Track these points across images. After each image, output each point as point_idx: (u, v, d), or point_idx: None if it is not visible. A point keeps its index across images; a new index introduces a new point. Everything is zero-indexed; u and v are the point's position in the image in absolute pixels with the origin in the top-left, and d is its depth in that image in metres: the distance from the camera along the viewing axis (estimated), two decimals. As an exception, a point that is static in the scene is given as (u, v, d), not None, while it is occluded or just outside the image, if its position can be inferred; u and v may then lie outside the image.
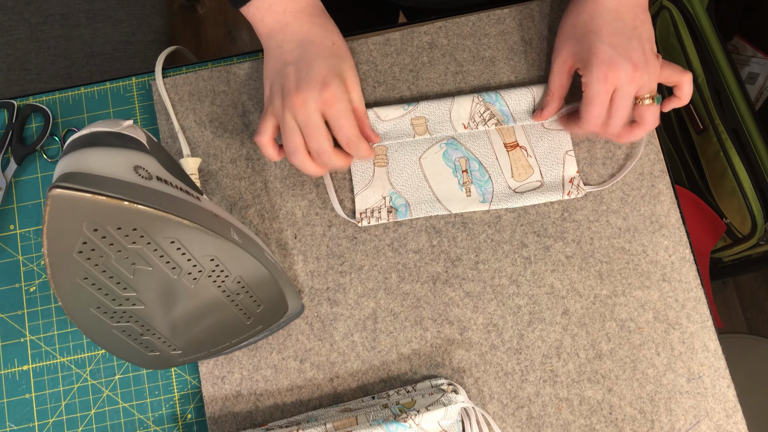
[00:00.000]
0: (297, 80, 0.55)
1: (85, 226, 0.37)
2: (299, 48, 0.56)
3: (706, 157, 1.20)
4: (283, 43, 0.57)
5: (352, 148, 0.58)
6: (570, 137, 0.64)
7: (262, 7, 0.56)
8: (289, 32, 0.57)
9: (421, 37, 0.67)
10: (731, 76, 1.15)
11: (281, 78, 0.56)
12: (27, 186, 0.66)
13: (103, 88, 0.68)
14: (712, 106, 1.15)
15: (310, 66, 0.55)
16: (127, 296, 0.43)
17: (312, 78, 0.54)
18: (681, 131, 1.24)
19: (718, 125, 1.14)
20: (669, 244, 0.62)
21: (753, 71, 1.36)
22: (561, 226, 0.63)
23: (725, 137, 1.13)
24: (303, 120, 0.55)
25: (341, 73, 0.56)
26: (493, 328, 0.61)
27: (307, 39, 0.57)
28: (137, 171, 0.40)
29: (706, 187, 1.21)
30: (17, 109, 0.67)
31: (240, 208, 0.64)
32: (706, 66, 1.15)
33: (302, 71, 0.55)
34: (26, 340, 0.63)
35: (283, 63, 0.56)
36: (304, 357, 0.61)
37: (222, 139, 0.65)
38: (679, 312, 0.61)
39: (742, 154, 1.12)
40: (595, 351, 0.61)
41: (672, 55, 1.22)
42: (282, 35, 0.57)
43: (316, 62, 0.55)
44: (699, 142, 1.20)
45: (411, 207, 0.63)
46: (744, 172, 1.12)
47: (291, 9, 0.57)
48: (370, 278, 0.62)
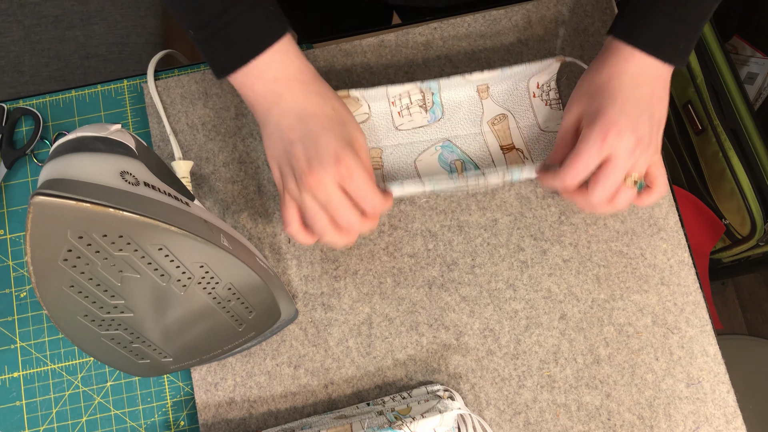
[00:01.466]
0: (308, 159, 0.50)
1: (69, 233, 0.36)
2: (300, 123, 0.52)
3: (705, 158, 1.19)
4: (281, 119, 0.52)
5: (378, 213, 0.54)
6: None
7: (251, 75, 0.51)
8: (284, 105, 0.52)
9: (416, 38, 0.66)
10: (730, 76, 1.14)
11: (289, 158, 0.52)
12: (17, 190, 0.65)
13: (95, 91, 0.67)
14: (711, 107, 1.14)
15: (317, 141, 0.51)
16: (115, 304, 0.42)
17: (323, 154, 0.50)
18: (680, 132, 1.23)
19: (717, 126, 1.13)
20: (667, 247, 0.62)
21: (752, 71, 1.35)
22: (558, 229, 0.62)
23: (724, 138, 1.12)
24: (324, 199, 0.51)
25: (350, 141, 0.52)
26: (489, 333, 0.60)
27: (306, 111, 0.52)
28: (124, 177, 0.39)
29: (705, 188, 1.21)
30: (7, 112, 0.66)
31: (233, 212, 0.63)
32: (705, 66, 1.15)
33: (311, 149, 0.51)
34: (16, 346, 0.62)
35: (287, 142, 0.52)
36: (298, 363, 0.60)
37: (214, 142, 0.65)
38: (678, 316, 0.60)
39: (741, 154, 1.11)
40: (593, 356, 0.60)
41: (670, 55, 1.21)
42: (278, 109, 0.52)
43: (322, 137, 0.51)
44: (698, 142, 1.20)
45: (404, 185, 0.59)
46: (743, 173, 1.11)
47: (282, 77, 0.52)
48: (365, 283, 0.62)
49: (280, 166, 0.53)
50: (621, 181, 0.52)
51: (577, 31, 0.66)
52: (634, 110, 0.52)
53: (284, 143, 0.52)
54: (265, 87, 0.52)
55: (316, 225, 0.52)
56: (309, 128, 0.52)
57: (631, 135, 0.51)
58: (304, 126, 0.52)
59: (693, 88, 1.17)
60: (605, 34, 0.59)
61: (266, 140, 0.54)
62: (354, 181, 0.51)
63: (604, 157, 0.52)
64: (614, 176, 0.52)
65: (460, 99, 0.64)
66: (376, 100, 0.62)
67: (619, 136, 0.51)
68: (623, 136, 0.51)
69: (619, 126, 0.51)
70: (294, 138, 0.51)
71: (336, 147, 0.51)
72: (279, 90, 0.52)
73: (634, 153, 0.51)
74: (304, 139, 0.51)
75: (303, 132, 0.51)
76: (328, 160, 0.50)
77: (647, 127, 0.52)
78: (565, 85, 0.65)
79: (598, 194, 0.52)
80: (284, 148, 0.52)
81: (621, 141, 0.51)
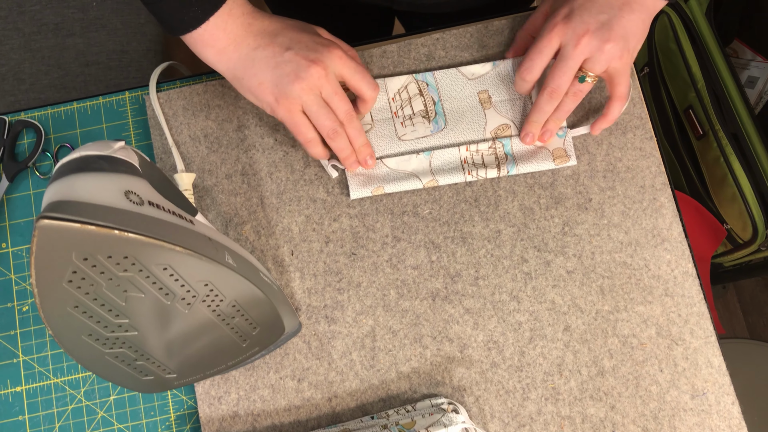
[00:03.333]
0: (305, 56, 0.54)
1: (74, 255, 0.36)
2: (280, 36, 0.55)
3: (706, 163, 1.19)
4: (258, 42, 0.55)
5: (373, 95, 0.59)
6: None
7: (224, 14, 0.54)
8: (255, 30, 0.55)
9: (419, 49, 0.66)
10: (731, 80, 1.14)
11: (285, 66, 0.54)
12: (19, 203, 0.65)
13: (96, 103, 0.67)
14: (712, 111, 1.14)
15: (305, 42, 0.55)
16: (120, 323, 0.42)
17: (317, 46, 0.55)
18: (681, 136, 1.23)
19: (718, 130, 1.13)
20: (671, 258, 0.61)
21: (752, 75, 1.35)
22: (562, 240, 0.62)
23: (725, 142, 1.12)
24: (330, 89, 0.56)
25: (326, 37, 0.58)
26: (493, 345, 0.60)
27: (276, 27, 0.56)
28: (128, 196, 0.39)
29: (706, 193, 1.21)
30: (8, 124, 0.66)
31: (236, 225, 0.63)
32: (706, 70, 1.15)
33: (302, 49, 0.54)
34: (19, 360, 0.62)
35: (275, 55, 0.54)
36: (301, 376, 0.60)
37: (217, 154, 0.64)
38: (683, 327, 0.60)
39: (743, 159, 1.11)
40: (597, 368, 0.60)
41: (671, 59, 1.21)
42: (251, 36, 0.55)
43: (306, 36, 0.56)
44: (699, 147, 1.19)
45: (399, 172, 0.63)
46: (744, 178, 1.11)
47: (248, 10, 0.55)
48: (368, 295, 0.61)
49: (276, 84, 0.54)
50: (570, 73, 0.56)
51: (579, 41, 0.66)
52: (597, 8, 0.55)
53: (274, 58, 0.54)
54: (235, 22, 0.54)
55: (325, 123, 0.56)
56: (290, 35, 0.55)
57: (581, 25, 0.54)
58: (283, 36, 0.55)
59: (694, 93, 1.17)
60: None
61: (250, 72, 0.55)
62: (351, 61, 0.56)
63: (554, 45, 0.56)
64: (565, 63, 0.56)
65: (463, 108, 0.63)
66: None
67: (568, 25, 0.55)
68: (571, 25, 0.55)
69: (570, 16, 0.55)
70: (280, 49, 0.54)
71: (322, 40, 0.56)
72: (247, 21, 0.55)
73: (581, 43, 0.55)
74: (292, 43, 0.55)
75: (287, 40, 0.55)
76: (323, 50, 0.55)
77: (605, 26, 0.54)
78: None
79: (550, 81, 0.57)
80: (275, 62, 0.54)
81: (568, 29, 0.55)
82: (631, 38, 0.56)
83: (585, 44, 0.55)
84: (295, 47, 0.54)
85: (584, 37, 0.54)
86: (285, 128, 0.65)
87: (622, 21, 0.55)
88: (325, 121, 0.56)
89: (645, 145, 0.64)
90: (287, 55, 0.54)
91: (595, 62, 0.56)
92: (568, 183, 0.63)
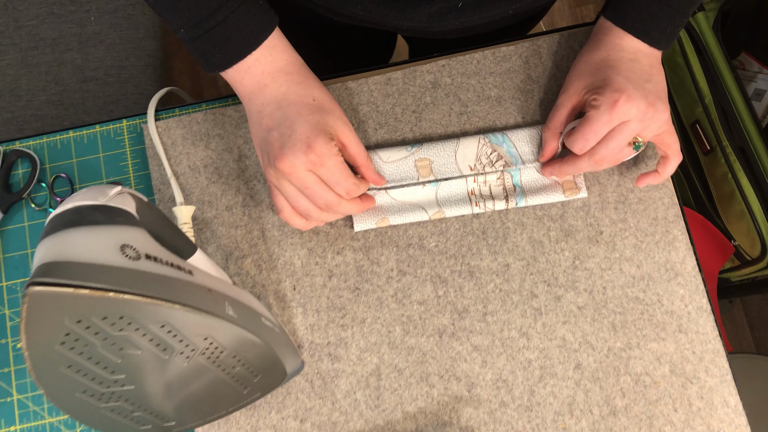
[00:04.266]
0: (281, 146, 0.52)
1: (67, 320, 0.34)
2: (279, 110, 0.53)
3: (714, 179, 1.17)
4: (262, 108, 0.54)
5: (354, 196, 0.55)
6: None
7: (241, 70, 0.53)
8: (267, 94, 0.54)
9: (424, 76, 0.64)
10: (738, 94, 1.12)
11: (266, 145, 0.53)
12: (14, 236, 0.63)
13: (93, 132, 0.65)
14: (719, 126, 1.12)
15: (291, 128, 0.52)
16: (115, 379, 0.40)
17: (295, 140, 0.51)
18: (688, 152, 1.21)
19: (726, 146, 1.11)
20: (685, 293, 0.60)
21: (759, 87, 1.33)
22: (572, 274, 0.60)
23: (733, 159, 1.10)
24: (299, 185, 0.53)
25: (326, 129, 0.53)
26: (502, 383, 0.58)
27: (285, 99, 0.53)
28: (124, 251, 0.37)
29: (713, 209, 1.19)
30: (3, 154, 0.64)
31: (236, 258, 0.61)
32: (713, 85, 1.13)
33: (285, 135, 0.52)
34: (13, 399, 0.60)
35: (265, 129, 0.53)
36: (304, 416, 0.58)
37: (217, 185, 0.63)
38: (697, 365, 0.58)
39: (750, 175, 1.09)
40: (609, 407, 0.58)
41: (678, 73, 1.19)
42: (261, 98, 0.54)
43: (297, 123, 0.52)
44: (706, 162, 1.18)
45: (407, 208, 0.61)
46: (753, 195, 1.09)
47: (269, 70, 0.54)
48: (372, 332, 0.60)
49: (261, 153, 0.55)
50: (627, 143, 0.54)
51: (589, 68, 0.64)
52: (639, 78, 0.54)
53: (263, 130, 0.54)
54: (252, 81, 0.54)
55: (300, 207, 0.55)
56: (286, 115, 0.53)
57: (642, 100, 0.52)
58: (281, 113, 0.53)
59: (701, 108, 1.16)
60: (597, 14, 0.60)
61: (251, 129, 0.56)
62: (325, 168, 0.52)
63: (615, 124, 0.53)
64: (622, 138, 0.53)
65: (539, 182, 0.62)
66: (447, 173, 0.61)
67: (630, 102, 0.52)
68: (634, 102, 0.52)
69: (628, 92, 0.52)
70: (271, 125, 0.53)
71: (309, 133, 0.52)
72: (264, 81, 0.54)
73: (646, 116, 0.53)
74: (280, 125, 0.53)
75: (280, 119, 0.53)
76: (300, 146, 0.51)
77: (654, 94, 0.53)
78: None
79: (602, 153, 0.54)
80: (263, 135, 0.54)
81: (632, 107, 0.52)
82: (666, 97, 0.55)
83: (644, 116, 0.53)
84: (281, 131, 0.52)
85: (648, 111, 0.52)
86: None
87: (660, 84, 0.55)
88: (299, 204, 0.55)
89: (657, 175, 0.62)
90: (270, 137, 0.53)
91: (650, 130, 0.54)
92: (579, 215, 0.61)
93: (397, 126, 0.63)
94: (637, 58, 0.55)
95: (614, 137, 0.53)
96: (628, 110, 0.52)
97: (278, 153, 0.52)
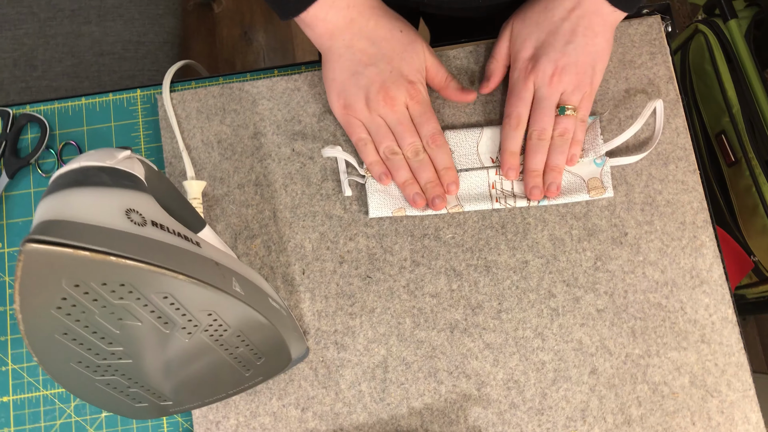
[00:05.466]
0: (382, 81, 0.54)
1: (64, 282, 0.32)
2: (373, 46, 0.55)
3: (736, 192, 1.14)
4: (352, 42, 0.54)
5: (438, 141, 0.57)
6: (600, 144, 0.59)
7: (326, 5, 0.53)
8: (356, 29, 0.54)
9: (450, 61, 0.62)
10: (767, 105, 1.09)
11: (359, 80, 0.55)
12: (18, 201, 0.61)
13: (106, 100, 0.63)
14: (746, 137, 1.09)
15: (391, 64, 0.54)
16: (113, 350, 0.38)
17: (397, 77, 0.54)
18: (710, 162, 1.18)
19: (752, 158, 1.08)
20: (710, 302, 0.57)
21: (788, 101, 1.29)
22: (593, 276, 0.58)
23: (759, 171, 1.07)
24: (395, 119, 0.56)
25: (419, 62, 0.56)
26: (513, 384, 0.56)
27: (377, 35, 0.55)
28: (129, 215, 0.35)
29: (734, 223, 1.16)
30: (12, 118, 0.62)
31: (245, 238, 0.59)
32: (742, 95, 1.10)
33: (385, 71, 0.54)
34: (8, 369, 0.58)
35: (359, 64, 0.55)
36: (306, 405, 0.56)
37: (230, 162, 0.61)
38: (719, 378, 0.56)
39: (776, 190, 1.06)
40: (623, 416, 0.55)
41: (706, 82, 1.16)
42: (349, 33, 0.54)
43: (395, 59, 0.55)
44: (729, 174, 1.15)
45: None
46: (777, 210, 1.06)
47: (354, 3, 0.54)
48: (382, 322, 0.57)
49: (346, 88, 0.56)
50: (550, 112, 0.56)
51: (622, 63, 0.61)
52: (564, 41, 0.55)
53: (355, 65, 0.55)
54: (338, 14, 0.54)
55: (385, 146, 0.57)
56: (382, 51, 0.55)
57: (550, 65, 0.55)
58: (376, 49, 0.55)
59: (728, 118, 1.12)
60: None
61: (332, 64, 0.56)
62: (420, 104, 0.56)
63: (531, 88, 0.57)
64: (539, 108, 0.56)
65: (563, 179, 0.60)
66: None
67: (537, 68, 0.56)
68: (541, 68, 0.55)
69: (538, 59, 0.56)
70: (367, 61, 0.55)
71: (409, 71, 0.55)
72: (351, 15, 0.54)
73: (552, 83, 0.55)
74: (378, 62, 0.55)
75: (375, 55, 0.55)
76: (402, 82, 0.55)
77: (576, 59, 0.55)
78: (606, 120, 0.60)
79: (531, 127, 0.57)
80: (354, 70, 0.55)
81: (539, 72, 0.56)
82: (598, 61, 0.56)
83: (557, 82, 0.56)
84: (380, 66, 0.55)
85: (554, 77, 0.55)
86: (303, 138, 0.61)
87: (587, 48, 0.55)
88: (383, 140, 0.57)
89: (687, 178, 0.59)
90: (368, 72, 0.55)
91: (570, 95, 0.56)
92: (603, 214, 0.59)
93: (420, 111, 0.61)
94: (569, 17, 0.55)
95: (535, 108, 0.57)
96: (534, 75, 0.56)
97: (379, 87, 0.54)
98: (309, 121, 0.61)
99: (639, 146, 0.60)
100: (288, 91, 0.61)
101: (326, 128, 0.61)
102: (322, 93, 0.61)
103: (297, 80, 0.62)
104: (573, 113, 0.56)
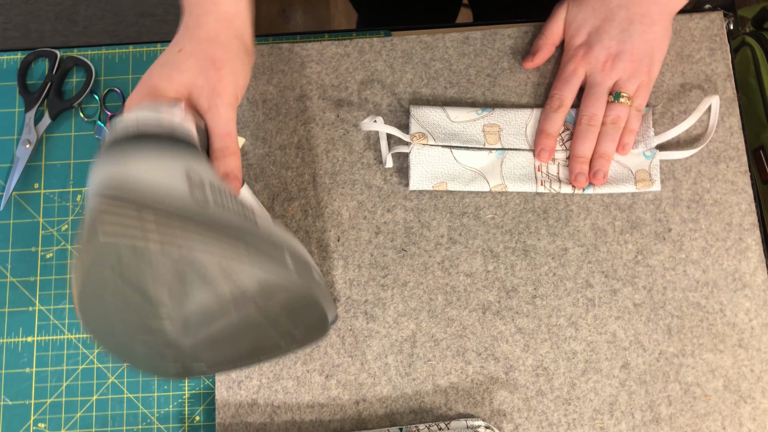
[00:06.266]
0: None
1: (125, 243, 0.31)
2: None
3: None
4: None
5: None
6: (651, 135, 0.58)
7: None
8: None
9: (504, 40, 0.61)
10: (809, 123, 1.07)
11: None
12: (58, 144, 0.61)
13: (153, 50, 0.63)
14: (785, 156, 1.07)
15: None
16: (157, 312, 0.38)
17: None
18: (745, 177, 1.16)
19: (789, 177, 1.06)
20: (751, 306, 0.56)
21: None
22: (633, 269, 0.56)
23: (795, 191, 1.05)
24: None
25: None
26: (542, 371, 0.55)
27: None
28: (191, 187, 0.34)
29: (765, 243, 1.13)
30: (59, 60, 0.62)
31: (283, 200, 0.58)
32: (785, 112, 1.07)
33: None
34: (35, 309, 0.58)
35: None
36: (330, 373, 0.55)
37: (273, 123, 0.60)
38: (754, 384, 0.54)
39: (812, 211, 1.04)
40: (652, 413, 0.54)
41: (748, 95, 1.14)
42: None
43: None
44: (765, 192, 1.12)
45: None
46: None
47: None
48: (413, 297, 0.56)
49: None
50: (602, 99, 0.56)
51: (680, 57, 0.60)
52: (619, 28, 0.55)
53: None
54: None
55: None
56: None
57: (604, 51, 0.55)
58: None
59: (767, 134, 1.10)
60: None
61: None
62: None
63: (580, 75, 0.57)
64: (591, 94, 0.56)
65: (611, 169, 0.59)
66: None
67: (590, 54, 0.56)
68: (594, 54, 0.55)
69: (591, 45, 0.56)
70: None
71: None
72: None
73: (605, 70, 0.55)
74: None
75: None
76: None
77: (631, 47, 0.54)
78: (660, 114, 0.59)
79: (581, 112, 0.56)
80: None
81: (591, 58, 0.56)
82: (656, 51, 0.55)
83: (610, 69, 0.55)
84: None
85: (607, 63, 0.55)
86: (349, 105, 0.60)
87: (644, 36, 0.54)
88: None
89: (738, 179, 0.58)
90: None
91: (626, 82, 0.55)
92: (648, 208, 0.57)
93: (469, 88, 0.60)
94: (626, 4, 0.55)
95: (587, 93, 0.56)
96: (587, 61, 0.56)
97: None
98: (355, 89, 0.60)
99: (690, 142, 0.59)
100: (337, 56, 0.61)
101: (371, 98, 0.60)
102: (372, 61, 0.60)
103: (348, 46, 0.61)
104: (627, 101, 0.55)
